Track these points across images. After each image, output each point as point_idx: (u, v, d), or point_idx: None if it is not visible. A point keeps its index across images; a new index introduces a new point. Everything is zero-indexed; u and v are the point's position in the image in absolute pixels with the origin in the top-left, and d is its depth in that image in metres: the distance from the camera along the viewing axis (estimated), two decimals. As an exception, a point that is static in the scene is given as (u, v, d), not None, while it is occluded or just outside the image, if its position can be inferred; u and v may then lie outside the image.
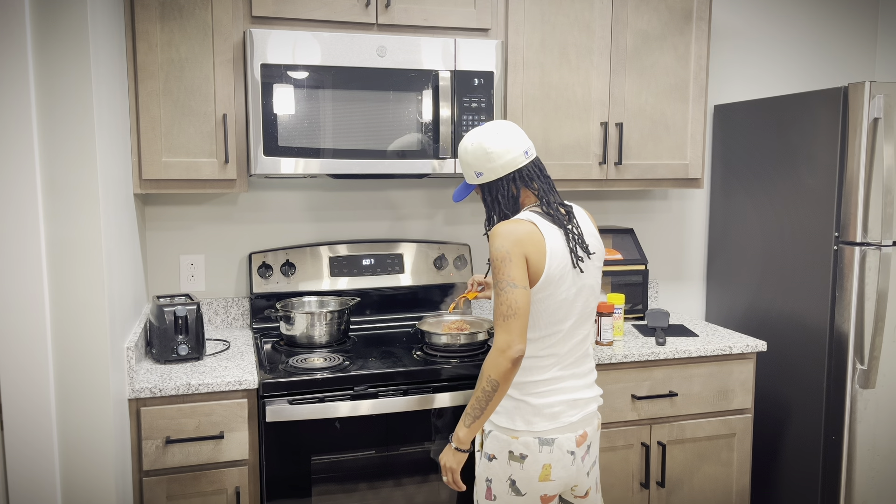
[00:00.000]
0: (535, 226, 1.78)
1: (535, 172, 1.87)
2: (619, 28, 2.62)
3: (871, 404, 2.50)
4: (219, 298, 2.71)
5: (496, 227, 1.78)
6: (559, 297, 1.80)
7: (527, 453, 1.84)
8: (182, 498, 2.10)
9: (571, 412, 1.87)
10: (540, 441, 1.84)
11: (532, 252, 1.75)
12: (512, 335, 1.73)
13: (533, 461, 1.84)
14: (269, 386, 2.10)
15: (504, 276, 1.74)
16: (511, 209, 1.88)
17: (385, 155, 2.35)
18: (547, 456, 1.84)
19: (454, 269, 2.83)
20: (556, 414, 1.85)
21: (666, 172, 2.73)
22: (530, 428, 1.84)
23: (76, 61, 1.68)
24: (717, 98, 3.19)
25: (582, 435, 1.88)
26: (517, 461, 1.85)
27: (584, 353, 1.92)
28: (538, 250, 1.76)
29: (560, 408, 1.85)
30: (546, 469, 1.84)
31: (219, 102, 2.28)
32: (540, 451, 1.84)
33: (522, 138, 1.87)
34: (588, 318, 1.89)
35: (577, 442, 1.87)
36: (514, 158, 1.85)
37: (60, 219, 1.71)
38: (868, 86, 2.37)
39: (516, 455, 1.85)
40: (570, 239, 1.81)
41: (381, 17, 2.39)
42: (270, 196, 2.75)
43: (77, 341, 1.75)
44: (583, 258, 1.83)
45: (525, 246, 1.75)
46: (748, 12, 3.19)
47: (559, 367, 1.86)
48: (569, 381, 1.88)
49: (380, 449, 2.20)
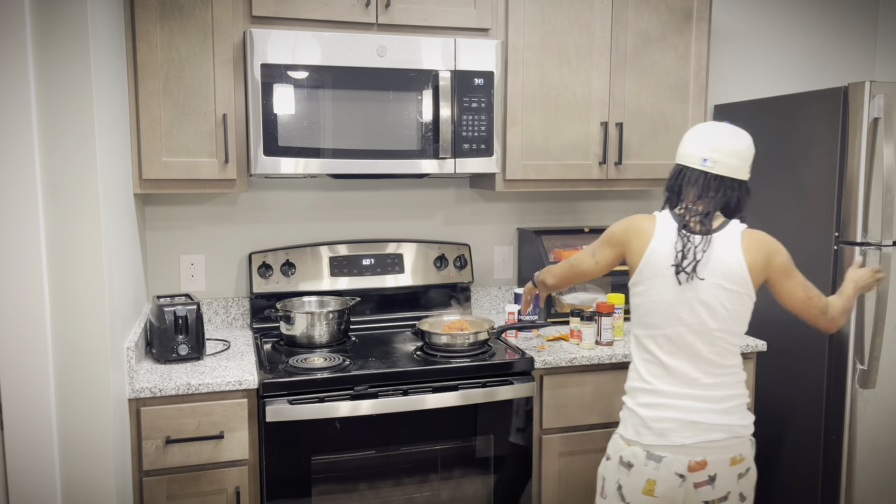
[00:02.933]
0: (653, 223, 1.87)
1: (699, 181, 1.84)
2: (619, 28, 2.62)
3: (871, 404, 2.50)
4: (219, 298, 2.71)
5: (630, 218, 1.93)
6: (654, 296, 1.83)
7: (634, 463, 1.83)
8: (182, 498, 2.10)
9: (684, 433, 1.79)
10: (647, 454, 1.81)
11: (635, 246, 1.87)
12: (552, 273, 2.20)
13: (638, 472, 1.82)
14: (269, 386, 2.10)
15: (596, 246, 2.02)
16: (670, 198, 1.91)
17: (385, 155, 2.34)
18: (652, 472, 1.80)
19: (454, 269, 2.83)
20: (664, 431, 1.80)
21: (666, 172, 2.73)
22: (639, 439, 1.83)
23: (76, 61, 1.68)
24: (717, 98, 3.19)
25: (699, 462, 1.78)
26: (625, 467, 1.84)
27: (715, 376, 1.82)
28: (640, 245, 1.86)
29: (669, 425, 1.80)
30: (650, 484, 1.80)
31: (219, 102, 2.28)
32: (646, 465, 1.81)
33: (715, 146, 1.83)
34: (708, 337, 1.81)
35: (689, 467, 1.78)
36: (689, 155, 1.87)
37: (60, 219, 1.71)
38: (868, 86, 2.37)
39: (625, 462, 1.85)
40: (683, 251, 1.79)
41: (381, 17, 2.39)
42: (270, 196, 2.75)
43: (77, 341, 1.75)
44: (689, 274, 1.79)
45: (629, 237, 1.89)
46: (748, 12, 3.19)
47: (667, 379, 1.82)
48: (684, 401, 1.81)
49: (380, 449, 2.20)
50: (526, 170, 2.58)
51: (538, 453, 2.38)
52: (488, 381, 2.26)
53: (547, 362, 2.33)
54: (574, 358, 2.36)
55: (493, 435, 2.29)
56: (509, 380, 2.28)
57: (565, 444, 2.40)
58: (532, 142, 2.58)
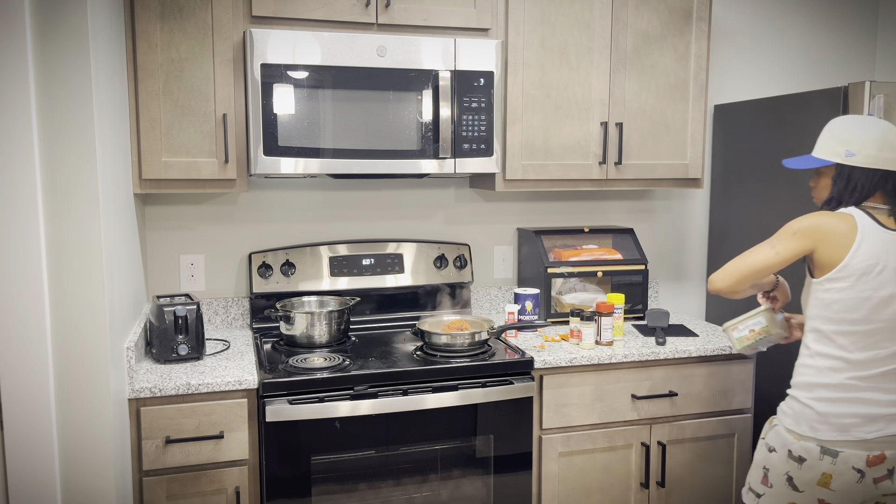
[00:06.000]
0: (852, 219, 1.81)
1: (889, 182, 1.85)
2: (619, 28, 2.62)
3: (871, 404, 2.49)
4: (219, 298, 2.71)
5: (817, 214, 1.85)
6: (858, 293, 1.80)
7: (806, 457, 1.83)
8: (182, 498, 2.10)
9: (867, 428, 1.80)
10: (822, 449, 1.81)
11: (829, 243, 1.81)
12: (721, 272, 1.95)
13: (811, 466, 1.82)
14: (269, 386, 2.10)
15: (776, 239, 1.89)
16: (854, 200, 1.87)
17: (385, 155, 2.35)
18: (828, 466, 1.80)
19: (454, 269, 2.83)
20: (845, 426, 1.80)
21: (666, 172, 2.73)
22: (815, 435, 1.82)
23: (76, 61, 1.68)
24: (717, 98, 3.19)
25: (878, 456, 1.79)
26: (795, 461, 1.84)
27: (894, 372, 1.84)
28: (839, 241, 1.80)
29: (851, 420, 1.80)
30: (825, 477, 1.80)
31: (219, 102, 2.28)
32: (820, 460, 1.81)
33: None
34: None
35: (868, 461, 1.79)
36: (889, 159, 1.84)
37: (60, 219, 1.71)
38: (868, 86, 2.37)
39: (795, 456, 1.84)
40: None
41: (381, 17, 2.39)
42: (270, 196, 2.75)
43: (77, 341, 1.75)
44: None
45: (822, 235, 1.82)
46: (748, 12, 3.19)
47: (852, 374, 1.82)
48: (869, 393, 1.81)
49: (380, 449, 2.20)
50: (526, 170, 2.58)
51: (538, 453, 2.38)
52: (488, 381, 2.26)
53: (547, 362, 2.33)
54: (574, 358, 2.36)
55: (493, 435, 2.29)
56: (509, 380, 2.28)
57: (565, 444, 2.40)
58: (532, 142, 2.58)
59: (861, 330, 1.82)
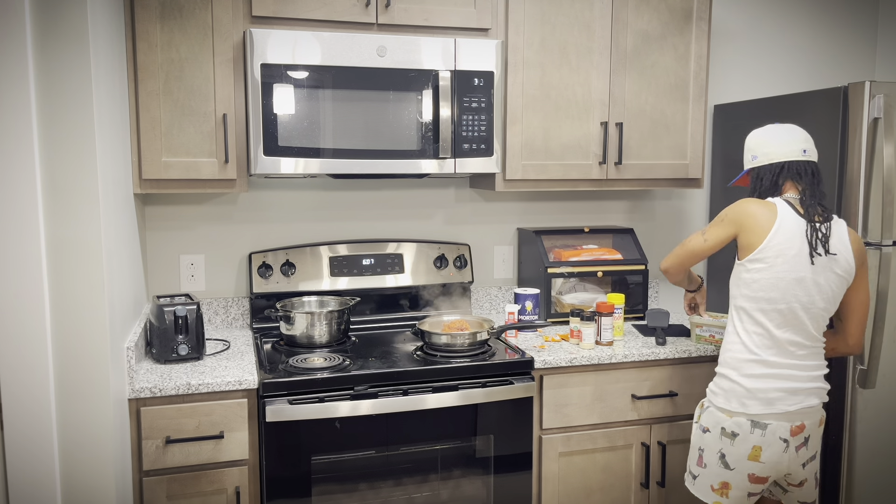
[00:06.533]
0: (774, 207, 2.01)
1: (807, 171, 2.05)
2: (619, 28, 2.62)
3: (872, 404, 2.50)
4: (219, 298, 2.71)
5: (743, 200, 2.07)
6: (774, 273, 1.97)
7: (738, 432, 2.00)
8: (182, 498, 2.10)
9: (789, 401, 1.98)
10: (752, 423, 1.99)
11: (751, 228, 2.01)
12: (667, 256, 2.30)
13: (743, 440, 2.00)
14: (269, 386, 2.10)
15: (707, 228, 2.15)
16: (769, 193, 2.09)
17: (385, 155, 2.35)
18: (758, 439, 1.99)
19: (454, 269, 2.83)
20: (771, 400, 1.98)
21: (666, 172, 2.73)
22: (744, 410, 2.00)
23: (76, 61, 1.68)
24: (717, 98, 3.19)
25: (799, 426, 1.99)
26: (728, 437, 2.02)
27: (813, 348, 2.03)
28: (760, 225, 1.99)
29: (776, 395, 1.98)
30: (756, 450, 1.99)
31: (219, 102, 2.28)
32: (751, 433, 1.99)
33: (804, 137, 2.08)
34: (818, 317, 2.01)
35: (791, 431, 1.99)
36: (788, 151, 2.07)
37: (60, 219, 1.71)
38: (868, 86, 2.37)
39: (728, 432, 2.02)
40: (811, 232, 1.98)
41: (381, 17, 2.39)
42: (270, 196, 2.75)
43: (77, 341, 1.75)
44: (820, 252, 1.98)
45: (744, 221, 2.03)
46: (748, 12, 3.19)
47: (775, 351, 2.00)
48: (789, 370, 2.00)
49: (380, 449, 2.20)
50: (526, 170, 2.58)
51: (538, 453, 2.38)
52: (488, 381, 2.26)
53: (547, 362, 2.33)
54: (574, 358, 2.36)
55: (493, 435, 2.29)
56: (509, 380, 2.28)
57: (565, 444, 2.40)
58: (532, 142, 2.58)
59: (779, 308, 1.99)
